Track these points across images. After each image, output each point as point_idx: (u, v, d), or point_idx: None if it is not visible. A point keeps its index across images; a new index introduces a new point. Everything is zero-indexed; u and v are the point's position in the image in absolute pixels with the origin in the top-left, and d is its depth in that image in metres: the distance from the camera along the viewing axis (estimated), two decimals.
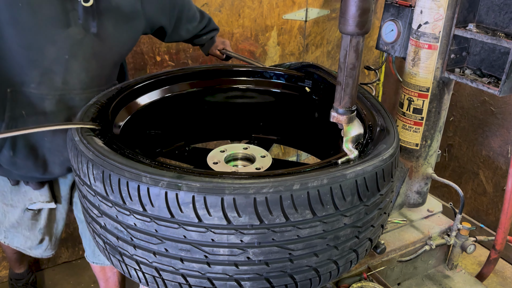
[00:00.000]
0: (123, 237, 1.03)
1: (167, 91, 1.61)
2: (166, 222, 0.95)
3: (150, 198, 0.93)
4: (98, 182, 1.00)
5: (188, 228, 0.94)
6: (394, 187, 1.18)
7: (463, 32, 1.43)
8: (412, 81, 1.57)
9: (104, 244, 1.10)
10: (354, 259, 1.11)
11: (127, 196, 0.95)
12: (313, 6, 2.71)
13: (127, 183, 0.95)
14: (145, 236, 0.99)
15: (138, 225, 0.98)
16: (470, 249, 1.66)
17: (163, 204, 0.92)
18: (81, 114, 1.24)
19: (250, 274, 0.99)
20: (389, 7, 1.63)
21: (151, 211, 0.94)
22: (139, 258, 1.03)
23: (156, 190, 0.93)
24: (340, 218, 0.99)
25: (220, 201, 0.90)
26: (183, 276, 1.00)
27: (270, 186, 0.92)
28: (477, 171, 2.71)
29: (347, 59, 1.00)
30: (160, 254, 0.99)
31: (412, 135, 1.64)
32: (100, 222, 1.07)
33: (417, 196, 1.78)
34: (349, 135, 1.09)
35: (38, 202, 1.70)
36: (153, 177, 0.94)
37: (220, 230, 0.93)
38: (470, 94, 2.64)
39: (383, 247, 1.48)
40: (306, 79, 1.65)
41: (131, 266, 1.06)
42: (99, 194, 1.02)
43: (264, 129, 1.82)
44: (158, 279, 1.03)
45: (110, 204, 1.00)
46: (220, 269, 0.98)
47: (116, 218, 1.01)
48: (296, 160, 3.15)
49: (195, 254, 0.97)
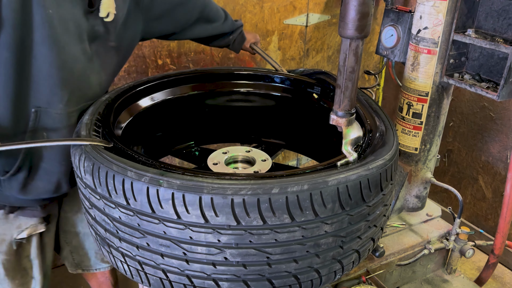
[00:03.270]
0: (110, 229, 1.07)
1: (170, 93, 1.64)
2: (147, 217, 0.98)
3: (133, 192, 0.97)
4: (88, 174, 1.05)
5: (168, 224, 0.97)
6: (386, 200, 1.14)
7: (462, 38, 1.44)
8: (412, 86, 1.58)
9: (96, 235, 1.15)
10: (339, 270, 1.09)
11: (113, 190, 1.00)
12: (314, 11, 2.73)
13: (113, 176, 0.99)
14: (129, 229, 1.02)
15: (123, 218, 1.02)
16: (469, 254, 1.66)
17: (145, 199, 0.96)
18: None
19: (228, 275, 1.00)
20: (389, 12, 1.64)
21: (134, 205, 0.98)
22: (123, 251, 1.06)
23: (139, 185, 0.96)
24: (321, 226, 0.98)
25: (198, 199, 0.93)
26: (164, 272, 1.03)
27: (248, 188, 0.93)
28: (477, 177, 2.71)
29: (346, 62, 1.01)
30: (142, 248, 1.02)
31: (412, 139, 1.65)
32: (91, 214, 1.12)
33: (416, 201, 1.78)
34: (348, 137, 1.10)
35: (29, 227, 1.53)
36: (138, 172, 0.98)
37: (198, 228, 0.95)
38: (470, 99, 2.65)
39: (382, 251, 1.49)
40: (316, 85, 1.66)
41: (117, 258, 1.10)
42: (89, 187, 1.06)
43: (273, 134, 1.84)
44: (141, 273, 1.06)
45: (98, 197, 1.05)
46: (198, 267, 1.00)
47: (103, 211, 1.06)
48: (296, 164, 3.16)
49: (174, 250, 0.99)
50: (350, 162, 1.08)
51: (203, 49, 2.49)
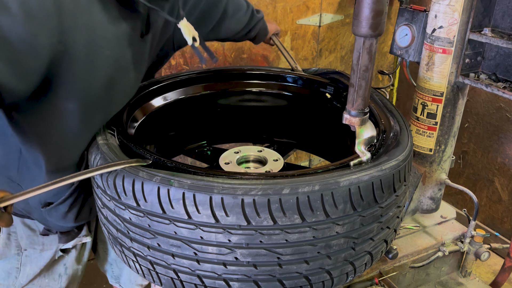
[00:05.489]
0: (121, 229, 1.08)
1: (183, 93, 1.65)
2: (158, 217, 0.98)
3: (143, 193, 0.97)
4: (98, 175, 1.05)
5: (179, 225, 0.96)
6: (399, 201, 1.12)
7: (478, 37, 1.42)
8: (426, 86, 1.56)
9: (108, 234, 1.15)
10: (351, 272, 1.08)
11: (122, 191, 1.00)
12: (327, 11, 2.72)
13: (122, 177, 0.99)
14: (140, 230, 1.02)
15: (133, 220, 1.02)
16: (484, 256, 1.63)
17: (155, 199, 0.96)
18: None
19: (239, 275, 0.99)
20: (403, 11, 1.62)
21: (144, 206, 0.98)
22: (135, 251, 1.07)
23: (150, 185, 0.96)
24: (332, 226, 0.97)
25: (209, 199, 0.92)
26: (175, 272, 1.03)
27: (259, 188, 0.92)
28: (492, 179, 2.67)
29: (360, 61, 1.00)
30: (153, 248, 1.02)
31: (426, 140, 1.63)
32: (103, 213, 1.13)
33: (431, 202, 1.76)
34: (362, 137, 1.09)
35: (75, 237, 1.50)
36: (149, 172, 0.98)
37: (208, 228, 0.95)
38: (485, 100, 2.61)
39: (395, 252, 1.47)
40: (329, 85, 1.64)
41: (129, 257, 1.10)
42: (100, 187, 1.07)
43: (285, 134, 1.83)
44: (153, 272, 1.06)
45: (108, 198, 1.05)
46: (209, 267, 0.99)
47: (114, 211, 1.06)
48: (308, 165, 3.14)
49: (185, 250, 0.99)
50: (363, 162, 1.07)
51: (216, 50, 2.49)
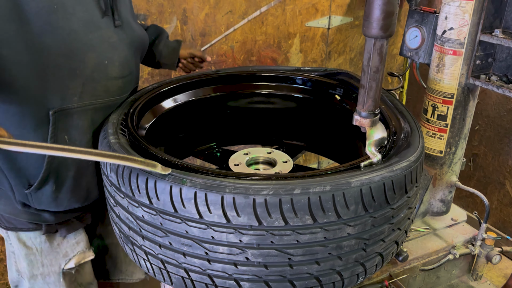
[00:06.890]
0: (133, 227, 1.08)
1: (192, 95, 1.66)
2: (170, 216, 0.98)
3: (156, 191, 0.98)
4: (113, 173, 1.07)
5: (190, 224, 0.97)
6: (410, 203, 1.12)
7: (489, 38, 1.41)
8: (437, 88, 1.55)
9: (120, 232, 1.16)
10: (362, 273, 1.08)
11: (136, 189, 1.01)
12: (336, 13, 2.72)
13: (137, 175, 1.00)
14: (152, 228, 1.03)
15: (146, 217, 1.03)
16: (495, 260, 1.62)
17: (167, 198, 0.96)
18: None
19: (249, 275, 1.00)
20: (413, 13, 1.62)
21: (157, 204, 0.99)
22: (147, 249, 1.07)
23: (162, 184, 0.97)
24: (343, 227, 0.97)
25: (220, 199, 0.93)
26: (186, 271, 1.03)
27: (270, 188, 0.92)
28: (503, 181, 2.64)
29: (370, 62, 1.00)
30: (164, 247, 1.03)
31: (436, 142, 1.62)
32: (115, 211, 1.14)
33: (441, 205, 1.75)
34: (372, 138, 1.09)
35: (76, 254, 1.48)
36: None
37: (220, 228, 0.95)
38: (496, 102, 2.59)
39: (405, 255, 1.46)
40: (338, 87, 1.64)
41: (140, 256, 1.11)
42: (114, 185, 1.08)
43: (294, 136, 1.83)
44: (163, 271, 1.07)
45: (122, 195, 1.06)
46: (220, 267, 1.00)
47: (127, 209, 1.07)
48: (317, 167, 3.14)
49: (196, 250, 1.00)
50: (374, 163, 1.07)
51: (225, 52, 2.50)
